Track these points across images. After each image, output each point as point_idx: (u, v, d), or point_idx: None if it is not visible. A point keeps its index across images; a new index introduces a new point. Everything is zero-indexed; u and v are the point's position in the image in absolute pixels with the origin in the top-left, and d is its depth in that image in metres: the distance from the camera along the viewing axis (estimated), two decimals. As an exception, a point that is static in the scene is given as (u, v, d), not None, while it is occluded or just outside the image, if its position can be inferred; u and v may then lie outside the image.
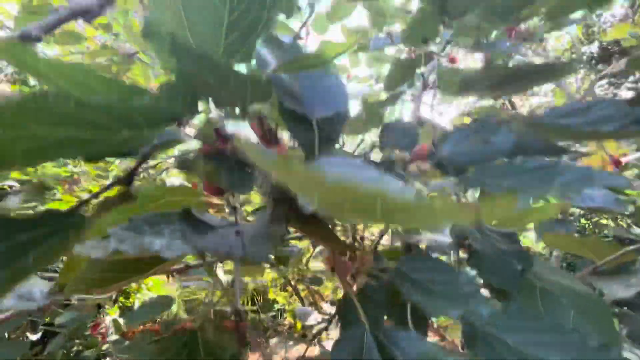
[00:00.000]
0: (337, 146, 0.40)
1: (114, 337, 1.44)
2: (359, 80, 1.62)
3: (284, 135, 0.41)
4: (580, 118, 0.42)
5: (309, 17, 0.68)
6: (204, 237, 0.26)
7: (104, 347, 1.36)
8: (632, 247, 0.63)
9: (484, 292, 0.41)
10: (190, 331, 0.46)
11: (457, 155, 0.41)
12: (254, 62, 0.36)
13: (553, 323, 0.30)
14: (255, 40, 0.27)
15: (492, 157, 0.39)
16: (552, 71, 0.52)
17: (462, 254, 0.46)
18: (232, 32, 0.25)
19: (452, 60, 0.68)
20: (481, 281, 0.39)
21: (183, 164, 0.23)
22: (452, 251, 0.43)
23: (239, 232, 0.29)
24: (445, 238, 0.43)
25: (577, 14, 0.41)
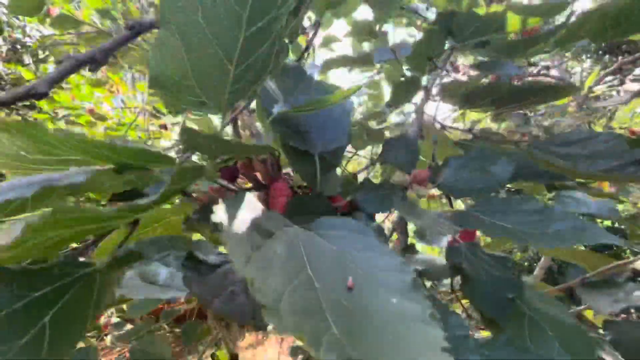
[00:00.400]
0: (337, 170, 0.41)
1: (115, 319, 1.49)
2: (362, 69, 1.60)
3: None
4: (580, 149, 0.42)
5: (314, 35, 0.66)
6: (204, 279, 0.26)
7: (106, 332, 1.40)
8: (622, 262, 0.65)
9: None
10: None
11: (457, 183, 0.41)
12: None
13: (537, 358, 0.32)
14: (261, 84, 0.27)
15: (492, 187, 0.40)
16: (557, 91, 0.52)
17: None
18: (239, 81, 0.25)
19: (456, 69, 0.67)
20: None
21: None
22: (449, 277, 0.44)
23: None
24: (442, 261, 0.45)
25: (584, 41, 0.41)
